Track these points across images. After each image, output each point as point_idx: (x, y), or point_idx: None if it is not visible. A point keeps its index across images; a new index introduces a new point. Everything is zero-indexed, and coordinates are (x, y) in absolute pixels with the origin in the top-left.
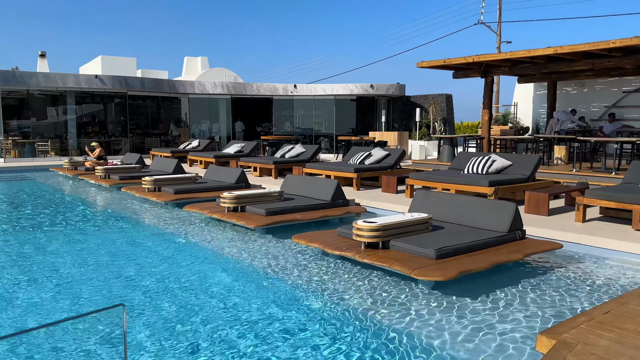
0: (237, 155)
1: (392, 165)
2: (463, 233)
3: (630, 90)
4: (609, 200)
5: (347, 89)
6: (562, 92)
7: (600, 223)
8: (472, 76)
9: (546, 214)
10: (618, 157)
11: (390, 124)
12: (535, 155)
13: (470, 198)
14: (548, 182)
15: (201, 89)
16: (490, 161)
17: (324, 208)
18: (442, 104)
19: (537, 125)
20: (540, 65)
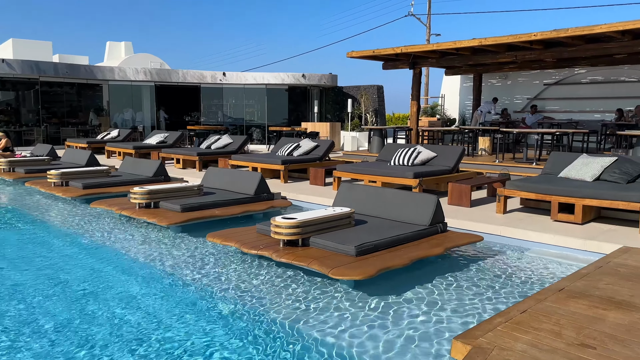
0: (159, 146)
1: (321, 157)
2: (385, 227)
3: (551, 82)
4: (528, 192)
5: (279, 78)
6: (487, 84)
7: (521, 214)
8: (400, 67)
9: (468, 205)
10: (539, 148)
11: (323, 115)
12: (458, 146)
13: (392, 191)
14: (471, 174)
15: (122, 76)
16: (416, 153)
17: (247, 203)
18: (374, 95)
19: (463, 116)
20: (465, 57)
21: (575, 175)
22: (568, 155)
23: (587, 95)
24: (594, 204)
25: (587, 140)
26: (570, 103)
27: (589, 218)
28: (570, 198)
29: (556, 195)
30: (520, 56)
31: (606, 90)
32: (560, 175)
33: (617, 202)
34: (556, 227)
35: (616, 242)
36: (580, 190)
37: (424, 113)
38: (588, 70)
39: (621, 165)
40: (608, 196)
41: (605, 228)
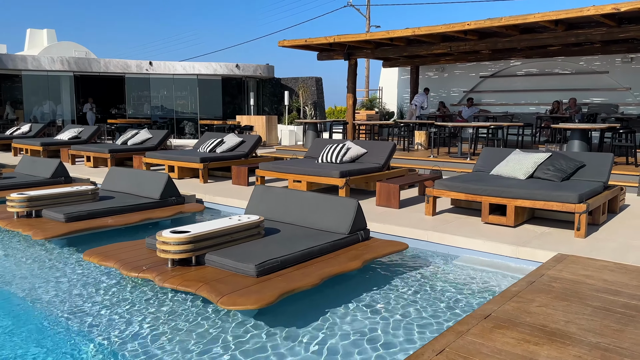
0: (71, 142)
1: (247, 154)
2: (299, 237)
3: (487, 75)
4: (457, 192)
5: (211, 69)
6: (425, 76)
7: (451, 216)
8: (335, 58)
9: (397, 206)
10: (474, 142)
11: (261, 108)
12: (389, 142)
13: (310, 194)
14: (403, 171)
15: (36, 65)
16: (345, 149)
17: (150, 208)
18: (312, 88)
19: (401, 109)
20: (400, 48)
21: (507, 172)
22: (500, 151)
23: (522, 88)
24: (527, 204)
25: (522, 133)
26: (506, 96)
27: (522, 219)
28: (502, 199)
29: (487, 196)
30: (454, 47)
31: (541, 83)
32: (492, 173)
33: (551, 202)
34: (487, 230)
35: (550, 248)
36: (512, 190)
37: (362, 106)
38: (523, 62)
39: (555, 162)
40: (541, 196)
41: (539, 231)
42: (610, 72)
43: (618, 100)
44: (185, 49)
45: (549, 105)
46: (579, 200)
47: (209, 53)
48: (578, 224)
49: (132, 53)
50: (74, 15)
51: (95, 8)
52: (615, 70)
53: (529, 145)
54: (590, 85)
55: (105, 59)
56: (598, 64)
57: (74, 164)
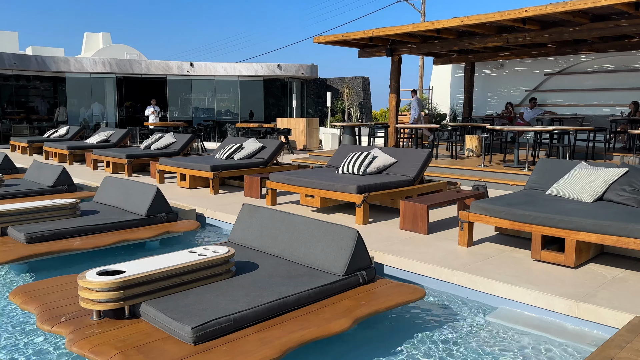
0: (99, 145)
1: (266, 161)
2: (277, 279)
3: (553, 72)
4: (499, 217)
5: (252, 69)
6: (481, 74)
7: (493, 247)
8: (378, 55)
9: (425, 231)
10: (535, 149)
11: (304, 110)
12: (423, 150)
13: (301, 219)
14: (441, 184)
15: (78, 67)
16: (370, 158)
17: (132, 227)
18: (358, 88)
19: (454, 111)
20: (450, 41)
21: (568, 193)
22: (561, 163)
23: (594, 87)
24: (593, 239)
25: (593, 139)
26: (575, 95)
27: (586, 257)
28: (559, 230)
29: (538, 225)
30: (512, 39)
31: (617, 81)
32: (549, 192)
33: (627, 239)
34: (537, 272)
35: (625, 305)
36: (574, 219)
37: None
38: (596, 57)
39: (633, 180)
40: (613, 229)
41: (609, 275)
42: None
43: None
44: (239, 51)
45: (626, 107)
46: None
47: (262, 54)
48: None
49: (183, 56)
50: (130, 20)
51: (150, 13)
52: None
53: (601, 153)
54: None
55: (147, 60)
56: None
57: (96, 170)
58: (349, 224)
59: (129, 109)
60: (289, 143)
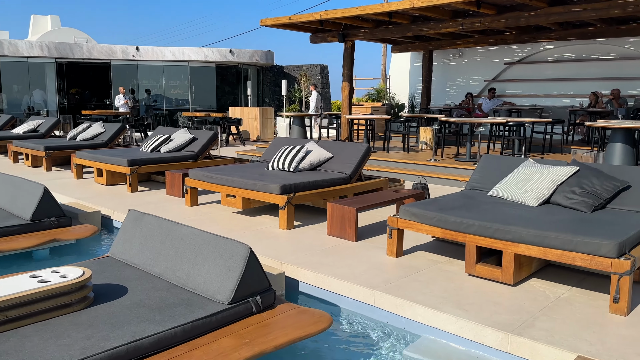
0: (27, 136)
1: (196, 155)
2: (142, 311)
3: (513, 61)
4: (430, 225)
5: (202, 54)
6: (440, 63)
7: (427, 257)
8: (330, 40)
9: (353, 238)
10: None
11: (261, 98)
12: (360, 144)
13: (188, 231)
14: (380, 182)
15: (13, 51)
16: (303, 152)
17: (11, 234)
18: (317, 77)
19: (413, 101)
20: (404, 26)
21: (512, 195)
22: (505, 160)
23: (554, 77)
24: (534, 253)
25: (551, 131)
26: (535, 85)
27: (528, 272)
28: (496, 241)
29: (472, 235)
30: (467, 24)
31: (577, 71)
32: (491, 194)
33: (573, 253)
34: (470, 291)
35: (566, 341)
36: (512, 228)
37: (369, 98)
38: (556, 45)
39: (584, 181)
40: (557, 241)
41: (552, 295)
42: None
43: None
44: (196, 37)
45: (586, 98)
46: (619, 251)
47: (222, 40)
48: (616, 293)
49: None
50: (83, 2)
51: None
52: None
53: (559, 146)
54: (638, 73)
55: (89, 44)
56: None
57: (17, 163)
58: (273, 228)
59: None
60: (240, 134)
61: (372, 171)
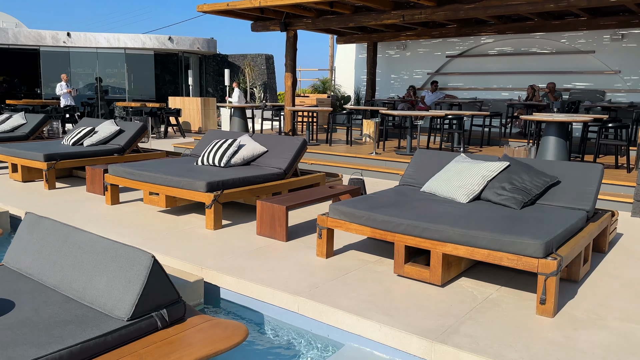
0: None
1: (122, 148)
2: (24, 332)
3: (454, 54)
4: (359, 224)
5: (138, 41)
6: (384, 55)
7: (359, 256)
8: (272, 29)
9: (284, 238)
10: (429, 135)
11: (204, 88)
12: (297, 137)
13: (88, 238)
14: (317, 177)
15: None
16: (236, 147)
17: None
18: (262, 67)
19: (358, 93)
20: (345, 17)
21: (443, 191)
22: (438, 154)
23: (494, 70)
24: (462, 253)
25: (489, 124)
26: (476, 79)
27: (457, 271)
28: (424, 240)
29: (401, 234)
30: (408, 16)
31: (516, 64)
32: (424, 190)
33: (499, 253)
34: (398, 294)
35: (494, 342)
36: (440, 227)
37: (315, 89)
38: (495, 39)
39: (514, 177)
40: (485, 241)
41: (480, 296)
42: (597, 52)
43: (605, 86)
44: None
45: (525, 91)
46: (546, 251)
47: (164, 27)
48: (543, 294)
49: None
50: None
51: None
52: (602, 50)
53: (496, 139)
54: (573, 67)
55: (15, 29)
56: (583, 42)
57: None
58: (199, 228)
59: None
60: (179, 125)
61: (314, 165)
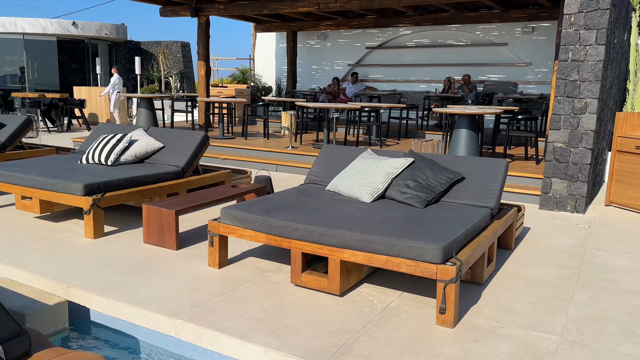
0: None
1: (4, 145)
2: None
3: (374, 45)
4: (253, 230)
5: (38, 26)
6: (305, 45)
7: (255, 264)
8: (183, 14)
9: (174, 246)
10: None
11: None
12: (198, 132)
13: None
14: (222, 175)
15: None
16: (126, 142)
17: None
18: (177, 55)
19: (279, 84)
20: (259, 3)
21: (348, 189)
22: (346, 150)
23: (412, 62)
24: (360, 259)
25: (406, 117)
26: (395, 70)
27: (358, 278)
28: (321, 247)
29: (298, 240)
30: (323, 4)
31: (433, 56)
32: (329, 188)
33: (398, 259)
34: (288, 308)
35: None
36: (338, 232)
37: (234, 79)
38: (413, 30)
39: (418, 173)
40: (382, 246)
41: (380, 304)
42: (510, 44)
43: (517, 78)
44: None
45: (442, 83)
46: (444, 255)
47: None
48: (442, 303)
49: None
50: None
51: None
52: (514, 42)
53: (414, 131)
54: (487, 59)
55: None
56: (496, 34)
57: None
58: (78, 237)
59: None
60: (84, 117)
61: (227, 160)
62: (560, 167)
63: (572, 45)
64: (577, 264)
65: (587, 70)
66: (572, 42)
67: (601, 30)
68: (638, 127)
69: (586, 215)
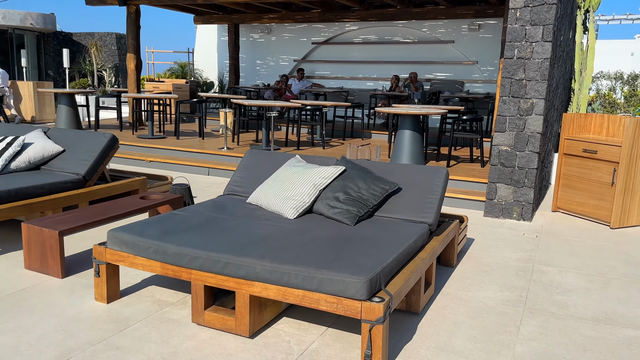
0: None
1: None
2: None
3: (320, 41)
4: (147, 258)
5: None
6: (249, 39)
7: (155, 295)
8: (110, 3)
9: (59, 273)
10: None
11: (44, 71)
12: (105, 134)
13: None
14: (135, 183)
15: None
16: (18, 146)
17: None
18: (112, 47)
19: (222, 79)
20: None
21: (270, 203)
22: (272, 156)
23: (359, 59)
24: (272, 294)
25: (352, 115)
26: (342, 67)
27: (274, 314)
28: (227, 279)
29: (199, 271)
30: None
31: (380, 53)
32: (250, 200)
33: (317, 294)
34: (189, 352)
35: None
36: (247, 260)
37: (172, 74)
38: (360, 26)
39: (349, 184)
40: (298, 279)
41: (298, 347)
42: (456, 42)
43: (464, 76)
44: None
45: (389, 81)
46: (370, 289)
47: None
48: (368, 348)
49: None
50: None
51: None
52: (461, 40)
53: (360, 131)
54: (434, 57)
55: None
56: (443, 32)
57: None
58: None
59: None
60: (4, 114)
61: (153, 163)
62: (506, 172)
63: (517, 42)
64: (524, 283)
65: (534, 69)
66: (518, 39)
67: (547, 27)
68: (585, 129)
69: (533, 222)
